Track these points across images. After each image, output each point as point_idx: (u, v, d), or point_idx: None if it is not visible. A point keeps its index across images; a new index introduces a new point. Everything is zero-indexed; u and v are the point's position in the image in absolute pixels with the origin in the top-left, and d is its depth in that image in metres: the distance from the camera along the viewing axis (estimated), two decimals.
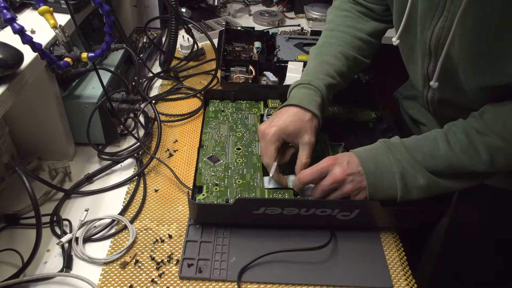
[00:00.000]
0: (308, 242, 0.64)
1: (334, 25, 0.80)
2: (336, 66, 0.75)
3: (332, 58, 0.75)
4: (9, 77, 0.58)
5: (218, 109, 0.87)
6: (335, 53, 0.76)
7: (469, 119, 0.61)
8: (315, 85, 0.71)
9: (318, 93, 0.71)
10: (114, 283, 0.59)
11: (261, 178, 0.72)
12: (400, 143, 0.63)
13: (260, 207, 0.62)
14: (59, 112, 0.74)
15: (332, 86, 0.74)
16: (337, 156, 0.64)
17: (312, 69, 0.76)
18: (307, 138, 0.67)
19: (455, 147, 0.59)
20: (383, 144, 0.64)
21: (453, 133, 0.61)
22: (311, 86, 0.72)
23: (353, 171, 0.62)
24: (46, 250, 0.64)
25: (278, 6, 1.47)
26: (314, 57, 0.78)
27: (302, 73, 0.78)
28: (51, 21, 0.61)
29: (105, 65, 0.87)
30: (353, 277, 0.61)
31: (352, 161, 0.63)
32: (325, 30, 0.82)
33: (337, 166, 0.63)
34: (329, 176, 0.63)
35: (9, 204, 0.70)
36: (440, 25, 0.59)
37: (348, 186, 0.62)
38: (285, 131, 0.67)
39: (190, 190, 0.70)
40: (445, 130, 0.62)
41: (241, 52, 1.10)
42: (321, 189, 0.64)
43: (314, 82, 0.72)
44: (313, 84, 0.72)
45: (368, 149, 0.64)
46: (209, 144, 0.78)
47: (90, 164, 0.80)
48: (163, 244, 0.65)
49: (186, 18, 1.07)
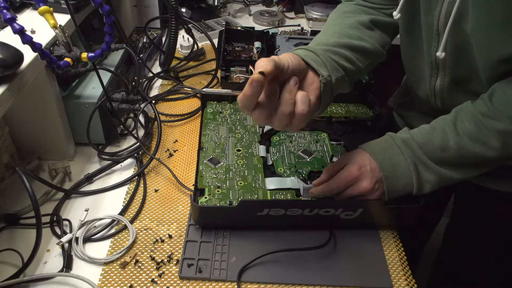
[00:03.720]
0: (308, 241, 0.64)
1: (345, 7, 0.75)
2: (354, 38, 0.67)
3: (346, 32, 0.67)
4: (9, 77, 0.58)
5: (216, 110, 0.87)
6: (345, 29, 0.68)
7: (477, 102, 0.59)
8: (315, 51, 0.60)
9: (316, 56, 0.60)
10: (114, 283, 0.59)
11: (262, 179, 0.72)
12: (411, 138, 0.62)
13: (263, 209, 0.62)
14: (59, 112, 0.74)
15: (341, 55, 0.63)
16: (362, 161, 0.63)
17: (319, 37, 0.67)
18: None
19: (464, 136, 0.58)
20: (395, 141, 0.63)
21: (461, 121, 0.59)
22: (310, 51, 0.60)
23: (378, 179, 0.62)
24: (46, 250, 0.64)
25: (278, 6, 1.47)
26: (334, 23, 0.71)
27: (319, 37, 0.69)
28: (51, 21, 0.61)
29: (105, 65, 0.87)
30: (353, 277, 0.61)
31: (374, 167, 0.63)
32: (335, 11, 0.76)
33: (363, 177, 0.63)
34: (356, 186, 0.63)
35: (9, 204, 0.70)
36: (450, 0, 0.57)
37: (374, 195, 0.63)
38: (282, 61, 0.53)
39: (191, 192, 0.70)
40: (452, 118, 0.61)
41: (241, 52, 1.10)
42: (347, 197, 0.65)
43: (314, 48, 0.61)
44: (310, 49, 0.61)
45: (382, 149, 0.64)
46: (209, 146, 0.78)
47: (90, 164, 0.80)
48: (163, 244, 0.65)
49: (186, 18, 1.07)
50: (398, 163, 0.62)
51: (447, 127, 0.60)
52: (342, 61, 0.62)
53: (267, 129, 0.82)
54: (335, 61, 0.61)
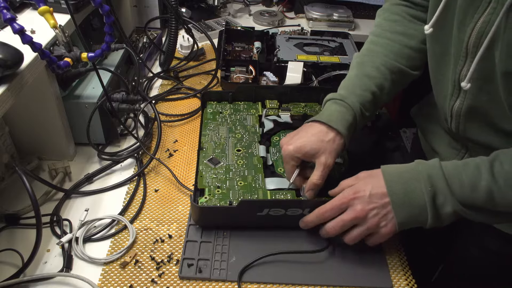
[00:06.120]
0: (309, 241, 0.64)
1: (381, 31, 0.73)
2: (377, 80, 0.69)
3: (374, 71, 0.69)
4: (9, 77, 0.58)
5: (216, 110, 0.87)
6: (378, 65, 0.70)
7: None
8: (349, 103, 0.66)
9: (350, 111, 0.66)
10: (114, 283, 0.59)
11: (262, 179, 0.71)
12: (439, 167, 0.56)
13: (263, 209, 0.62)
14: (59, 112, 0.74)
15: (371, 102, 0.69)
16: (359, 187, 0.59)
17: (350, 82, 0.71)
18: (324, 158, 0.63)
19: (499, 179, 0.52)
20: (419, 168, 0.57)
21: (499, 162, 0.53)
22: (344, 103, 0.67)
23: (376, 205, 0.57)
24: (46, 250, 0.64)
25: (278, 6, 1.47)
26: (355, 66, 0.72)
27: (341, 84, 0.72)
28: (51, 21, 0.61)
29: (105, 65, 0.87)
30: (353, 277, 0.61)
31: (375, 192, 0.57)
32: (371, 35, 0.75)
33: (358, 201, 0.58)
34: (349, 211, 0.58)
35: (9, 204, 0.70)
36: (485, 19, 0.52)
37: (371, 221, 0.58)
38: (300, 151, 0.64)
39: (191, 192, 0.70)
40: (491, 158, 0.55)
41: (241, 52, 1.10)
42: (341, 224, 0.59)
43: (348, 98, 0.67)
44: (346, 101, 0.67)
45: (401, 172, 0.58)
46: (209, 146, 0.78)
47: (90, 164, 0.80)
48: (163, 244, 0.65)
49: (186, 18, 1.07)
50: (413, 190, 0.56)
51: (482, 165, 0.54)
52: (370, 94, 0.68)
53: (267, 129, 0.82)
54: (364, 105, 0.68)
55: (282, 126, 0.83)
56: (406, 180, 0.57)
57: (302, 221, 0.63)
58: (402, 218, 0.57)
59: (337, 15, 1.36)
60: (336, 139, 0.65)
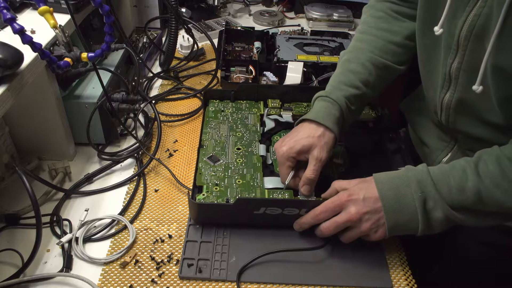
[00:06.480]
0: (308, 241, 0.64)
1: (366, 28, 0.75)
2: (361, 76, 0.71)
3: (359, 66, 0.71)
4: (9, 77, 0.58)
5: (218, 109, 0.87)
6: (362, 61, 0.71)
7: (506, 146, 0.55)
8: (333, 98, 0.68)
9: (336, 106, 0.68)
10: (114, 283, 0.59)
11: (261, 178, 0.72)
12: (427, 172, 0.57)
13: (260, 207, 0.62)
14: (59, 112, 0.74)
15: (357, 97, 0.70)
16: (353, 191, 0.60)
17: (335, 79, 0.72)
18: (316, 153, 0.65)
19: (485, 179, 0.53)
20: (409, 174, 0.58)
21: (484, 162, 0.54)
22: (329, 99, 0.69)
23: (370, 210, 0.58)
24: (46, 250, 0.64)
25: (278, 6, 1.47)
26: (341, 64, 0.74)
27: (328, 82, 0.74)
28: (51, 21, 0.61)
29: (105, 65, 0.87)
30: (353, 277, 0.61)
31: (369, 196, 0.58)
32: (357, 32, 0.77)
33: (352, 204, 0.59)
34: (343, 213, 0.59)
35: (9, 204, 0.70)
36: (476, 12, 0.52)
37: (365, 225, 0.59)
38: (294, 149, 0.66)
39: (190, 190, 0.70)
40: (475, 159, 0.56)
41: (241, 52, 1.10)
42: (334, 225, 0.60)
43: (332, 94, 0.69)
44: (331, 96, 0.69)
45: (391, 178, 0.59)
46: (209, 144, 0.78)
47: (90, 164, 0.80)
48: (163, 244, 0.65)
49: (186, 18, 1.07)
50: (404, 195, 0.57)
51: (468, 167, 0.55)
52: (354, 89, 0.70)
53: (268, 129, 0.82)
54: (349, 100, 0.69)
55: (283, 126, 0.83)
56: (397, 186, 0.58)
57: (296, 223, 0.64)
58: (393, 223, 0.58)
59: (337, 15, 1.36)
60: (326, 133, 0.67)
